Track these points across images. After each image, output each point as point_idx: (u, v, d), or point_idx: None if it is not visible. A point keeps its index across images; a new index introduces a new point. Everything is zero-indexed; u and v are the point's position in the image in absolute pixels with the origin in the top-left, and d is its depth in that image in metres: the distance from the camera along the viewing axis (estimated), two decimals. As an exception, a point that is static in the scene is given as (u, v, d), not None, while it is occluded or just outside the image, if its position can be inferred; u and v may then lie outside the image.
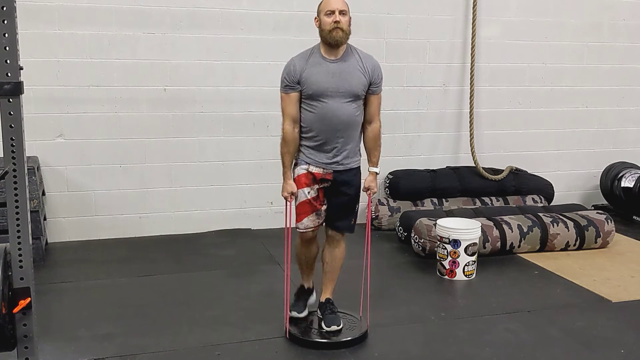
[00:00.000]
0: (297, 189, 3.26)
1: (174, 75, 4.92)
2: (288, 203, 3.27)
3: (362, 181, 3.38)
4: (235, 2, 4.95)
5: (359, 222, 3.52)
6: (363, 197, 3.42)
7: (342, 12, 3.15)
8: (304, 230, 3.32)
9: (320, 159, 3.25)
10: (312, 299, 3.58)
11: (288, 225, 3.25)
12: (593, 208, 5.85)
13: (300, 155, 3.29)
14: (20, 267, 2.24)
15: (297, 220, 3.31)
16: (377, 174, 3.36)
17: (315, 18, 3.22)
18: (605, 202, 6.14)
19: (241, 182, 5.23)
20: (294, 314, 3.45)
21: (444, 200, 5.46)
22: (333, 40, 3.13)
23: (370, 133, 3.33)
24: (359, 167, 3.36)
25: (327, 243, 3.41)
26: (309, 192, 3.26)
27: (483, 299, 3.94)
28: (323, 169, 3.25)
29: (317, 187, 3.29)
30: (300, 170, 3.28)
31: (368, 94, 3.25)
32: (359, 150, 3.35)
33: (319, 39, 3.22)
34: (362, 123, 3.30)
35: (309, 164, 3.26)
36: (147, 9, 4.78)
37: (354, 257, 3.70)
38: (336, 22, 3.12)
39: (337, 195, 3.31)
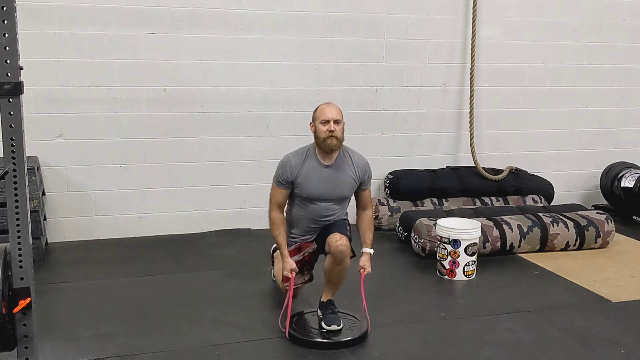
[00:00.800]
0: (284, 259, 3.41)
1: (174, 75, 4.92)
2: (290, 282, 3.37)
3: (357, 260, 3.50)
4: (235, 2, 4.95)
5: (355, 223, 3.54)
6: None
7: (336, 122, 3.33)
8: (294, 286, 3.43)
9: (308, 238, 3.55)
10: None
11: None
12: (593, 208, 5.85)
13: (288, 240, 3.50)
14: (20, 267, 2.24)
15: (283, 281, 3.44)
16: (370, 255, 3.48)
17: (311, 123, 3.42)
18: (605, 202, 6.14)
19: (241, 182, 5.23)
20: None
21: (444, 200, 5.46)
22: (328, 148, 3.35)
23: (364, 218, 3.55)
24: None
25: (332, 261, 3.38)
26: (297, 258, 3.45)
27: (483, 299, 3.94)
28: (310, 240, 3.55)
29: (305, 252, 3.50)
30: (289, 248, 3.48)
31: (358, 190, 3.52)
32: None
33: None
34: (347, 209, 3.57)
35: (296, 242, 3.54)
36: (147, 9, 4.78)
37: (354, 257, 3.70)
38: (331, 131, 3.31)
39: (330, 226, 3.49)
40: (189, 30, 4.89)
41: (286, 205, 3.55)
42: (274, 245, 3.79)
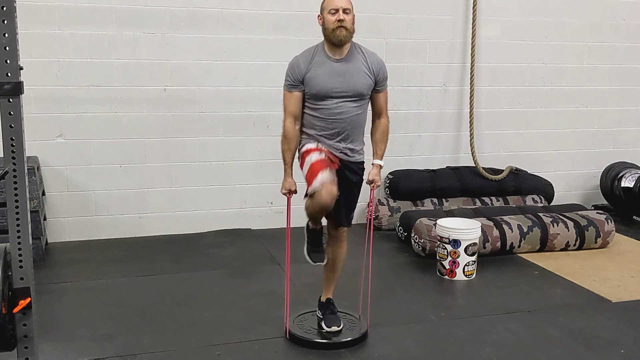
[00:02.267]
0: (311, 152, 3.13)
1: (174, 75, 4.92)
2: (288, 201, 3.25)
3: (366, 176, 3.34)
4: (235, 2, 4.95)
5: (360, 222, 3.53)
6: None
7: (345, 11, 3.08)
8: (321, 184, 3.00)
9: (327, 145, 3.19)
10: (325, 238, 3.39)
11: (288, 226, 3.25)
12: (593, 208, 5.85)
13: (306, 138, 3.22)
14: (20, 267, 2.24)
15: (311, 180, 3.03)
16: (381, 167, 3.33)
17: (319, 16, 3.16)
18: (605, 202, 6.14)
19: (241, 182, 5.23)
20: (318, 263, 3.28)
21: (444, 200, 5.46)
22: (337, 39, 3.09)
23: (378, 127, 3.31)
24: (363, 162, 3.32)
25: (329, 243, 3.38)
26: (321, 153, 3.14)
27: (483, 299, 3.94)
28: (331, 152, 3.20)
29: (327, 155, 3.17)
30: (310, 145, 3.18)
31: (373, 92, 3.23)
32: (363, 149, 3.32)
33: (322, 37, 3.19)
34: (365, 120, 3.28)
35: (318, 142, 3.20)
36: (147, 9, 4.78)
37: (354, 257, 3.70)
38: (340, 20, 3.06)
39: (341, 189, 3.18)
40: (189, 30, 4.89)
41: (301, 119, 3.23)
42: (307, 220, 3.30)
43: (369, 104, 3.29)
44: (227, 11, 4.95)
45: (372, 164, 3.32)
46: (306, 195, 3.11)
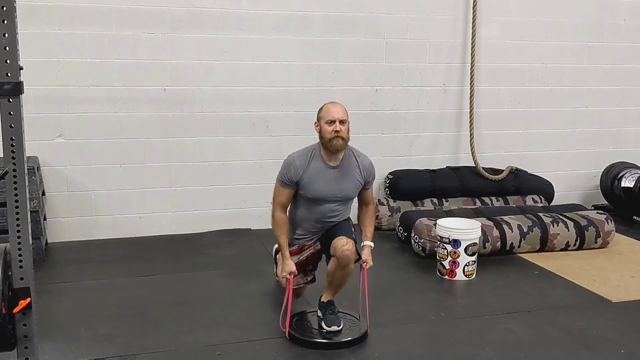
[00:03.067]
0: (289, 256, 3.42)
1: (174, 75, 4.92)
2: (289, 284, 3.36)
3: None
4: (235, 2, 4.95)
5: (356, 222, 3.53)
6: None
7: (342, 122, 3.29)
8: (295, 286, 3.45)
9: (311, 238, 3.52)
10: None
11: (290, 300, 3.35)
12: (593, 208, 5.85)
13: (290, 238, 3.50)
14: (20, 267, 2.24)
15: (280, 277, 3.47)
16: (371, 247, 3.47)
17: (316, 123, 3.38)
18: (605, 202, 6.14)
19: (241, 182, 5.23)
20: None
21: (444, 200, 5.46)
22: (333, 148, 3.30)
23: (366, 213, 3.55)
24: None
25: (336, 265, 3.36)
26: (298, 258, 3.47)
27: (483, 299, 3.94)
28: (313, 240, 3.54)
29: (307, 253, 3.51)
30: (291, 247, 3.49)
31: (361, 189, 3.49)
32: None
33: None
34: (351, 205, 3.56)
35: (299, 242, 3.52)
36: (147, 9, 4.78)
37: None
38: (337, 131, 3.27)
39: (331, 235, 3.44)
40: (189, 30, 4.89)
41: (290, 205, 3.53)
42: (276, 245, 3.79)
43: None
44: (227, 11, 4.95)
45: (363, 246, 3.46)
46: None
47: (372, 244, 3.47)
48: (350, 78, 5.32)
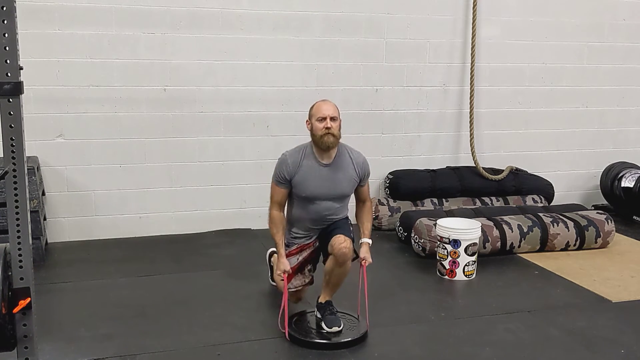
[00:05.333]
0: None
1: (174, 75, 4.92)
2: (285, 282, 3.37)
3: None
4: (235, 2, 4.95)
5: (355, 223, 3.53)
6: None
7: (333, 119, 3.28)
8: (294, 289, 3.48)
9: (310, 237, 3.50)
10: None
11: (285, 304, 3.33)
12: (593, 208, 5.85)
13: (288, 239, 3.51)
14: (20, 267, 2.24)
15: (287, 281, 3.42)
16: (369, 245, 3.44)
17: (307, 121, 3.37)
18: (605, 202, 6.14)
19: (241, 182, 5.23)
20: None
21: (444, 200, 5.46)
22: (324, 145, 3.29)
23: (363, 210, 3.55)
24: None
25: (333, 263, 3.36)
26: (297, 259, 3.46)
27: (483, 299, 3.94)
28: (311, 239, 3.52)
29: (306, 252, 3.50)
30: (290, 247, 3.50)
31: (357, 187, 3.48)
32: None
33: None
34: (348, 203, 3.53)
35: (297, 242, 3.51)
36: (147, 9, 4.77)
37: (356, 258, 3.70)
38: (327, 128, 3.26)
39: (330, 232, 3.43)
40: (189, 30, 4.89)
41: (287, 205, 3.53)
42: (270, 249, 3.82)
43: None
44: (227, 11, 4.95)
45: (361, 243, 3.44)
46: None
47: (370, 241, 3.45)
48: (350, 78, 5.32)
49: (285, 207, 3.52)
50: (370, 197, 3.59)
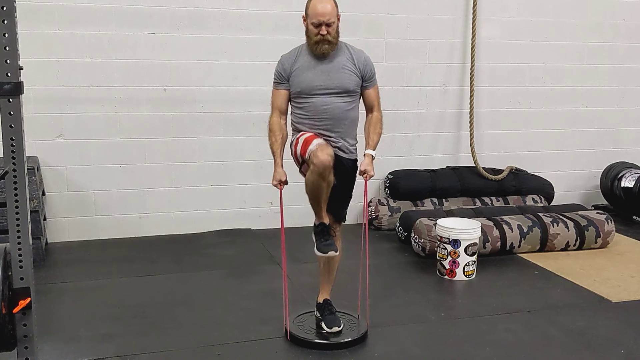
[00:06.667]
0: (305, 133, 3.12)
1: (174, 75, 4.92)
2: (280, 194, 3.21)
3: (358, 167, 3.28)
4: (235, 2, 4.96)
5: (358, 222, 3.52)
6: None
7: (329, 24, 3.04)
8: (317, 146, 2.99)
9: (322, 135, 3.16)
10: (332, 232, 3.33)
11: (282, 219, 3.23)
12: (593, 208, 5.85)
13: (298, 132, 3.20)
14: (20, 267, 2.24)
15: (305, 148, 3.02)
16: (373, 157, 3.20)
17: (303, 16, 3.13)
18: (605, 202, 6.14)
19: (241, 182, 5.23)
20: (331, 253, 3.17)
21: (444, 200, 5.46)
22: (319, 52, 3.10)
23: (370, 120, 3.27)
24: (357, 160, 3.31)
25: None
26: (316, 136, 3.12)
27: (483, 299, 3.94)
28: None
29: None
30: (305, 133, 3.14)
31: (363, 88, 3.23)
32: (356, 147, 3.32)
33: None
34: (358, 117, 3.28)
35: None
36: (147, 9, 4.78)
37: (353, 256, 3.70)
38: (322, 34, 3.05)
39: (335, 183, 3.16)
40: (189, 30, 4.89)
41: (291, 115, 3.26)
42: (315, 221, 3.29)
43: (360, 101, 3.27)
44: (227, 11, 4.95)
45: (364, 155, 3.21)
46: (303, 163, 3.12)
47: (374, 153, 3.21)
48: (350, 78, 5.31)
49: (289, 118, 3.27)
50: (380, 107, 3.28)
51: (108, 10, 4.70)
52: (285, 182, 3.18)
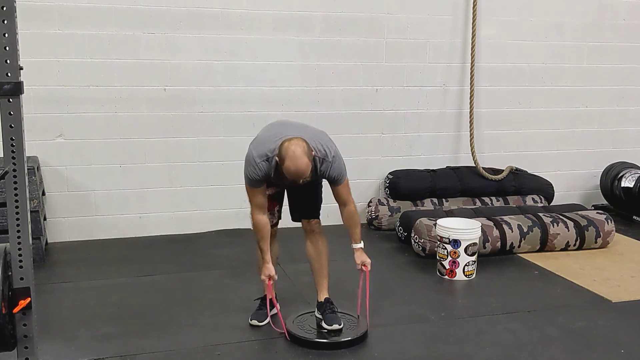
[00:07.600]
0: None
1: (174, 75, 4.92)
2: (269, 287, 3.34)
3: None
4: (235, 2, 4.95)
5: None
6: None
7: (303, 180, 3.08)
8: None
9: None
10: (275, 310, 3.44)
11: (268, 305, 3.35)
12: (593, 208, 5.85)
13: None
14: (20, 267, 2.24)
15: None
16: (362, 248, 3.35)
17: (275, 156, 3.07)
18: (605, 202, 6.14)
19: (241, 182, 5.18)
20: (254, 322, 3.44)
21: (444, 200, 5.46)
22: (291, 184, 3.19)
23: (346, 214, 3.33)
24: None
25: (307, 239, 3.45)
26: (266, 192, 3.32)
27: (483, 299, 3.94)
28: None
29: (274, 188, 3.40)
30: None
31: (331, 187, 3.28)
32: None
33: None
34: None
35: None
36: (147, 9, 4.78)
37: (353, 257, 3.69)
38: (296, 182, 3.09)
39: (296, 190, 3.35)
40: (189, 30, 4.89)
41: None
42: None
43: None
44: (227, 11, 4.95)
45: (355, 250, 3.35)
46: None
47: (362, 245, 3.36)
48: (350, 78, 5.32)
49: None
50: (353, 200, 3.33)
51: (108, 10, 4.70)
52: (275, 278, 3.33)
